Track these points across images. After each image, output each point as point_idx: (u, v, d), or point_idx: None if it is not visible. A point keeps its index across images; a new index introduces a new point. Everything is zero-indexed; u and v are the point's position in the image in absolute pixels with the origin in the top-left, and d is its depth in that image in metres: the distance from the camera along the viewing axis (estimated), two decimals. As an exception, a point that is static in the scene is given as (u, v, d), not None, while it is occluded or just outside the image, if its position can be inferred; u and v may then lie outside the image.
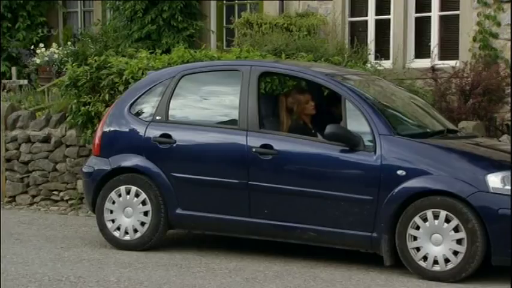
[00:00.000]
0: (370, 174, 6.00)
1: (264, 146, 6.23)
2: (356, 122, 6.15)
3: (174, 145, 6.61)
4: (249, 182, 6.27)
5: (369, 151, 6.04)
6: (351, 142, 6.06)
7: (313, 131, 6.64)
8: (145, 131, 6.73)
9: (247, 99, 6.40)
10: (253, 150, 6.25)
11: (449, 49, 10.71)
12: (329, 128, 6.09)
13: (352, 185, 6.06)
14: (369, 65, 9.72)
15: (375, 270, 6.08)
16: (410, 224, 5.87)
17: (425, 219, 5.85)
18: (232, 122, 6.53)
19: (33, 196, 9.28)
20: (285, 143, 6.29)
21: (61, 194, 9.13)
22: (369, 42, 11.01)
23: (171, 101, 6.73)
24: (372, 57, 10.49)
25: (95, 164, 6.91)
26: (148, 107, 6.84)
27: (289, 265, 6.24)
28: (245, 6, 12.85)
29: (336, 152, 6.13)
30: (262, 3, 12.30)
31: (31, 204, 9.25)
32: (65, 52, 12.78)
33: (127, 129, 6.85)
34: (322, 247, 6.39)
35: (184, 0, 12.24)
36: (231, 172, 6.35)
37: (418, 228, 5.86)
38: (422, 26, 11.02)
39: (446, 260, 5.79)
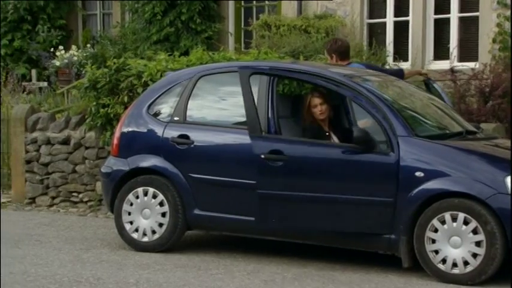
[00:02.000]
0: (388, 176, 5.97)
1: (273, 151, 6.20)
2: (374, 124, 6.13)
3: (192, 146, 6.62)
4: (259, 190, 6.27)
5: (387, 153, 6.02)
6: (372, 144, 6.04)
7: (327, 134, 6.63)
8: (163, 132, 6.75)
9: (252, 101, 6.42)
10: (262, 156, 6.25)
11: (468, 50, 10.66)
12: (357, 132, 6.03)
13: (370, 187, 6.04)
14: (387, 67, 9.69)
15: (393, 273, 6.05)
16: (429, 226, 5.83)
17: (443, 222, 5.81)
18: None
19: (53, 198, 9.34)
20: (298, 147, 6.26)
21: (80, 195, 9.18)
22: (387, 43, 10.98)
23: (189, 101, 6.75)
24: (390, 59, 10.46)
25: (113, 164, 6.94)
26: (166, 108, 6.86)
27: (307, 267, 6.23)
28: (263, 8, 12.86)
29: (353, 154, 6.12)
30: (280, 5, 12.31)
31: (51, 205, 9.30)
32: (84, 54, 12.87)
33: (145, 130, 6.88)
34: (340, 249, 6.38)
35: (203, 2, 12.29)
36: (248, 173, 6.35)
37: (436, 231, 5.82)
38: (441, 27, 10.97)
39: (466, 263, 5.75)
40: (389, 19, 11.31)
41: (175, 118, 6.77)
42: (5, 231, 7.68)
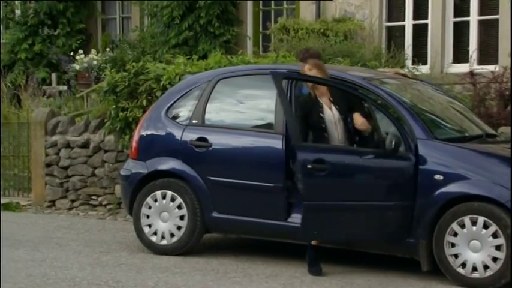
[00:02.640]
0: (407, 179, 5.94)
1: (317, 161, 6.05)
2: (393, 126, 6.11)
3: (210, 149, 6.63)
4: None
5: (406, 156, 5.99)
6: (399, 149, 5.98)
7: (321, 105, 6.56)
8: (181, 135, 6.77)
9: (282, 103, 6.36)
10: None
11: (488, 53, 10.60)
12: (393, 138, 5.91)
13: (389, 190, 6.02)
14: (406, 70, 9.65)
15: (412, 277, 6.02)
16: (448, 230, 5.80)
17: (463, 226, 5.77)
18: (268, 125, 6.53)
19: (72, 201, 9.39)
20: (335, 155, 6.09)
21: (99, 198, 9.22)
22: (406, 47, 10.95)
23: (208, 104, 6.77)
24: (409, 62, 10.42)
25: (132, 167, 6.97)
26: (184, 111, 6.88)
27: (325, 270, 6.20)
28: (281, 11, 12.87)
29: (372, 158, 6.09)
30: (298, 9, 12.31)
31: (70, 208, 9.35)
32: (104, 58, 12.95)
33: (164, 133, 6.90)
34: (358, 252, 6.36)
35: (221, 6, 12.31)
36: (267, 176, 6.35)
37: (456, 234, 5.78)
38: (460, 30, 10.92)
39: (486, 267, 5.71)
40: (408, 22, 11.27)
41: (194, 121, 6.79)
42: (25, 234, 7.74)
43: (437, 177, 5.86)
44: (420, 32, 11.20)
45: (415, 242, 5.92)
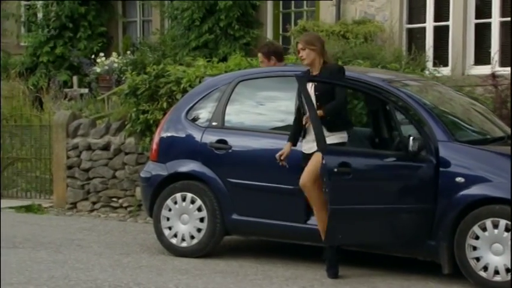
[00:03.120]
0: (428, 181, 5.91)
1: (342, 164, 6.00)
2: (414, 128, 6.08)
3: (230, 151, 6.64)
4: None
5: (427, 158, 5.96)
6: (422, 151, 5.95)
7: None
8: (201, 137, 6.78)
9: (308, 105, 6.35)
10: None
11: (510, 55, 10.50)
12: (416, 141, 5.87)
13: (409, 193, 5.99)
14: (427, 72, 9.60)
15: (433, 280, 5.99)
16: (469, 233, 5.76)
17: (484, 229, 5.73)
18: (288, 127, 6.52)
19: (94, 203, 9.44)
20: (359, 159, 6.05)
21: (120, 200, 9.27)
22: (427, 49, 10.89)
23: (227, 106, 6.78)
24: (430, 64, 10.37)
25: (153, 169, 7.00)
26: (204, 113, 6.90)
27: (346, 273, 6.19)
28: (301, 14, 12.87)
29: (393, 160, 6.07)
30: (318, 11, 12.29)
31: (91, 210, 9.41)
32: (125, 61, 13.01)
33: (184, 135, 6.92)
34: (379, 255, 6.34)
35: (241, 8, 12.33)
36: (286, 178, 6.34)
37: (477, 238, 5.74)
38: (482, 32, 10.84)
39: (508, 270, 5.66)
40: (429, 24, 11.22)
41: (214, 123, 6.80)
42: (47, 236, 7.80)
43: (459, 179, 5.83)
44: (441, 34, 11.13)
45: (436, 245, 5.89)
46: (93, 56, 13.93)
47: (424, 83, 7.08)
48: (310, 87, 6.07)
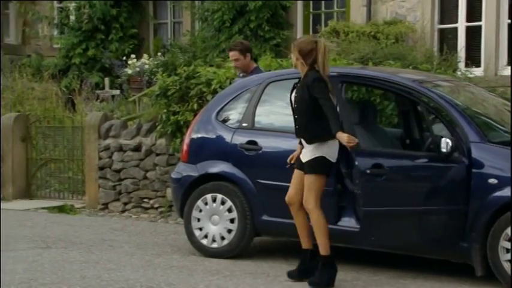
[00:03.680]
0: (461, 183, 5.86)
1: (375, 165, 5.96)
2: (446, 129, 6.03)
3: (260, 152, 6.64)
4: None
5: (459, 159, 5.91)
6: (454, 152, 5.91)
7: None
8: (231, 138, 6.80)
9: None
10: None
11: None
12: (448, 142, 5.83)
13: (442, 194, 5.94)
14: (459, 73, 9.52)
15: (466, 282, 5.92)
16: (503, 235, 5.69)
17: (518, 231, 5.67)
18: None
19: (125, 203, 9.50)
20: (392, 160, 6.08)
21: (151, 201, 9.32)
22: (459, 49, 10.80)
23: (257, 107, 6.78)
24: (462, 65, 10.28)
25: (183, 170, 7.02)
26: (235, 114, 6.91)
27: (377, 275, 6.16)
28: (332, 14, 12.83)
29: (424, 161, 6.02)
30: (349, 12, 12.25)
31: (123, 211, 9.47)
32: (155, 62, 13.09)
33: (214, 136, 6.94)
34: (410, 257, 6.29)
35: (271, 10, 12.33)
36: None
37: (510, 240, 5.67)
38: (515, 31, 10.72)
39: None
40: (461, 24, 11.12)
41: (244, 124, 6.81)
42: (79, 236, 7.87)
43: (491, 180, 5.76)
44: (473, 34, 11.03)
45: (468, 247, 5.83)
46: (124, 58, 14.03)
47: (456, 84, 7.01)
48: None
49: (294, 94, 5.95)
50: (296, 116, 5.90)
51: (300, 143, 5.98)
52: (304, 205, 5.85)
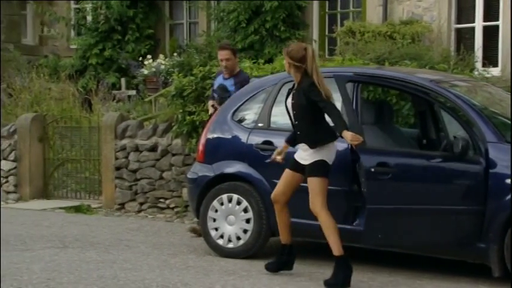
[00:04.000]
0: (478, 183, 5.83)
1: (381, 164, 6.02)
2: (463, 129, 6.00)
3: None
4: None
5: (476, 159, 5.87)
6: (467, 152, 5.89)
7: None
8: (247, 138, 6.80)
9: (346, 106, 6.34)
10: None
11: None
12: (461, 142, 5.84)
13: (458, 194, 5.91)
14: (476, 73, 9.47)
15: (484, 283, 5.89)
16: (520, 236, 5.67)
17: (535, 231, 5.63)
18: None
19: (141, 203, 9.54)
20: (397, 158, 6.09)
21: (167, 201, 9.34)
22: (476, 49, 10.74)
23: (273, 108, 6.77)
24: (479, 65, 10.22)
25: (199, 170, 7.04)
26: (250, 114, 6.91)
27: (393, 276, 6.14)
28: (348, 14, 12.80)
29: (440, 161, 5.99)
30: (365, 12, 12.22)
31: (139, 211, 9.51)
32: (171, 63, 13.12)
33: (230, 136, 6.94)
34: (427, 257, 6.27)
35: (287, 10, 12.32)
36: (332, 179, 6.30)
37: (527, 240, 5.64)
38: (533, 31, 10.65)
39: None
40: (478, 24, 11.06)
41: (260, 124, 6.81)
42: (96, 236, 7.91)
43: (509, 181, 5.73)
44: (490, 34, 10.97)
45: (486, 247, 5.80)
46: (140, 58, 14.08)
47: (473, 84, 6.97)
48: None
49: (290, 100, 5.99)
50: (296, 122, 5.96)
51: (288, 141, 6.09)
52: (311, 208, 5.91)
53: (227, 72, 7.76)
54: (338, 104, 6.37)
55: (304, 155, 5.93)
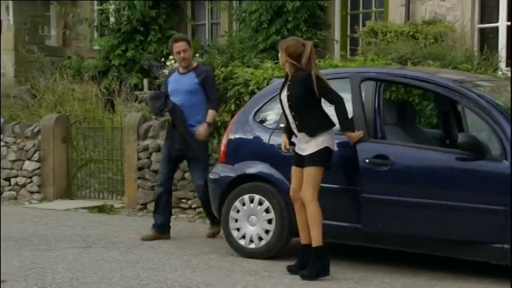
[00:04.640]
0: (501, 183, 5.78)
1: (378, 156, 6.12)
2: (485, 129, 5.97)
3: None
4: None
5: (499, 159, 5.83)
6: (482, 150, 5.88)
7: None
8: (269, 138, 6.80)
9: (361, 107, 6.35)
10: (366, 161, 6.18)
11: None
12: (463, 137, 5.91)
13: (481, 194, 5.87)
14: (499, 73, 9.40)
15: (507, 284, 5.84)
16: (544, 237, 5.62)
17: (560, 232, 5.58)
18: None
19: (163, 204, 9.55)
20: (404, 152, 6.16)
21: (189, 202, 9.36)
22: (499, 49, 10.65)
23: (295, 108, 6.76)
24: (503, 65, 10.14)
25: (221, 170, 7.05)
26: (272, 115, 6.92)
27: (416, 277, 6.12)
28: (370, 14, 12.76)
29: (463, 161, 5.96)
30: (387, 12, 12.17)
31: (161, 211, 9.52)
32: (193, 64, 13.11)
33: (251, 137, 6.95)
34: (450, 259, 6.23)
35: (309, 10, 12.31)
36: (353, 179, 6.29)
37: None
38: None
39: None
40: (502, 23, 10.97)
41: (281, 125, 6.80)
42: (119, 236, 7.95)
43: (533, 181, 5.68)
44: (515, 34, 10.88)
45: (509, 249, 5.74)
46: (162, 59, 14.11)
47: (497, 84, 6.92)
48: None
49: (284, 93, 6.12)
50: (293, 113, 6.10)
51: (288, 134, 6.21)
52: (301, 196, 6.03)
53: (184, 66, 7.69)
54: (358, 104, 6.39)
55: (305, 146, 6.04)
